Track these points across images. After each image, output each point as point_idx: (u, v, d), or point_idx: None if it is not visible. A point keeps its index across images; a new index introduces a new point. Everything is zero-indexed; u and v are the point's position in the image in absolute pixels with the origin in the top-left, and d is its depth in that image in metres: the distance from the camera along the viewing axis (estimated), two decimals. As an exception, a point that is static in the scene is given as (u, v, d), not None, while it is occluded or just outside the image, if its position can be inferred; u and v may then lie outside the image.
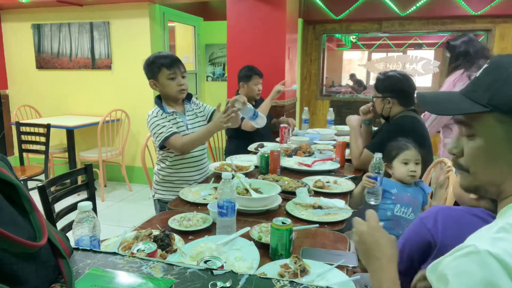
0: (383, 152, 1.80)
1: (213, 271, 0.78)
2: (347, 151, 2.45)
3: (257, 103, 3.22)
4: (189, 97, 2.17)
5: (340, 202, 1.65)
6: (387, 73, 2.24)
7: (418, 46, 9.29)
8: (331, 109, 3.62)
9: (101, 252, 0.88)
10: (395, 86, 2.18)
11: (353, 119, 2.45)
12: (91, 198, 1.86)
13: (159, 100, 2.12)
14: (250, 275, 0.78)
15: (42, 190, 1.57)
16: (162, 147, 2.05)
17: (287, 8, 3.69)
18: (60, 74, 4.79)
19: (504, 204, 0.72)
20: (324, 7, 5.15)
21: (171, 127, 2.00)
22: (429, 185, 2.06)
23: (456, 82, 2.55)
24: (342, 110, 5.64)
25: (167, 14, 4.71)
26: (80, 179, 3.84)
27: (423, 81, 8.71)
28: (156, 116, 2.03)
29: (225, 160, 2.54)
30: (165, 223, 1.44)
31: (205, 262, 0.97)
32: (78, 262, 0.84)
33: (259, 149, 2.64)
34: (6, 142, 5.03)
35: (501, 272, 0.52)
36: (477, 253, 0.55)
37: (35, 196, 1.53)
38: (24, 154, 3.88)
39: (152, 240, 1.22)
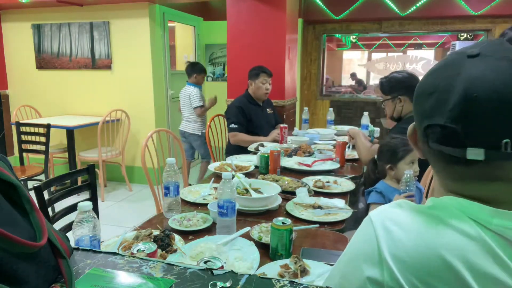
0: (386, 153, 1.79)
1: (213, 271, 0.78)
2: (347, 151, 2.45)
3: (264, 104, 3.22)
4: None
5: (340, 202, 1.65)
6: (390, 75, 2.24)
7: (418, 46, 9.30)
8: (331, 109, 3.62)
9: (101, 252, 0.88)
10: (403, 83, 2.16)
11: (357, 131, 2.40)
12: (94, 198, 1.86)
13: None
14: (250, 275, 0.78)
15: (38, 191, 1.56)
16: None
17: (287, 8, 3.69)
18: (60, 74, 4.79)
19: None
20: (324, 7, 5.15)
21: None
22: (429, 185, 2.06)
23: None
24: (342, 110, 5.63)
25: (167, 14, 4.71)
26: (80, 180, 3.84)
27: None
28: None
29: (225, 160, 2.54)
30: (165, 223, 1.44)
31: (205, 262, 0.97)
32: (78, 262, 0.84)
33: (259, 149, 2.64)
34: (6, 142, 5.03)
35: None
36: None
37: (34, 196, 1.53)
38: (24, 154, 3.88)
39: (152, 240, 1.22)
